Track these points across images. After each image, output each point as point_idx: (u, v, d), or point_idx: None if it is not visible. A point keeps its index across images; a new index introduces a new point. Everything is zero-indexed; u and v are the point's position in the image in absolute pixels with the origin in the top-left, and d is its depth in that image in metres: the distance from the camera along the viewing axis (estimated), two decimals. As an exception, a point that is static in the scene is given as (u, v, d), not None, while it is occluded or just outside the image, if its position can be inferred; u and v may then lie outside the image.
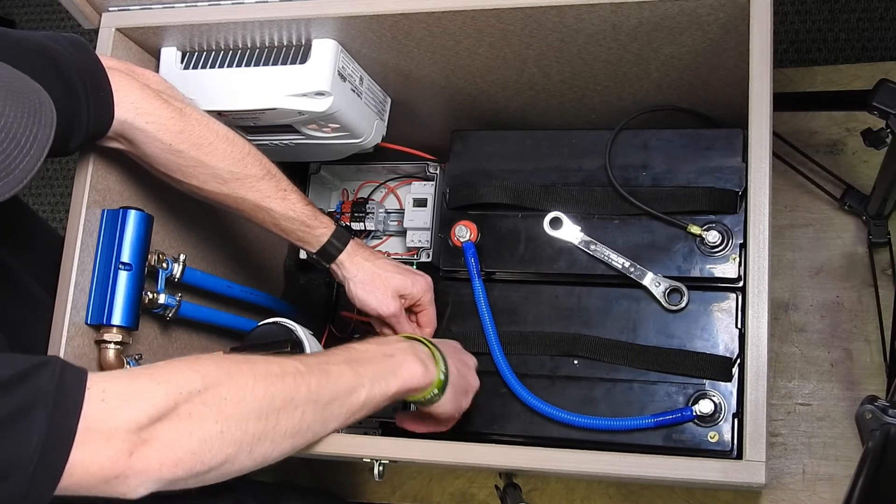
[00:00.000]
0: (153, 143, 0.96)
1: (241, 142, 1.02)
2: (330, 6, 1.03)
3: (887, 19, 1.82)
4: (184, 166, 0.99)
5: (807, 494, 1.26)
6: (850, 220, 1.34)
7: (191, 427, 0.71)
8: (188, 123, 0.98)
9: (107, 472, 0.68)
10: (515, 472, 1.16)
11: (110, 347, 1.03)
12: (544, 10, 0.97)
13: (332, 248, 1.07)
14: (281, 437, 0.78)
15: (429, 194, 1.29)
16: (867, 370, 1.28)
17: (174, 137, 0.97)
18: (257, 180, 1.02)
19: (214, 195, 1.02)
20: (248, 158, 1.01)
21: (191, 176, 1.00)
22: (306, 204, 1.05)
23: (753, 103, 0.88)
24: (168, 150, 0.97)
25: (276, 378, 0.77)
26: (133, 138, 0.96)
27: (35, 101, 0.77)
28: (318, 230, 1.06)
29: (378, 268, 1.08)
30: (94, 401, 0.68)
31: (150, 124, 0.95)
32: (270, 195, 1.02)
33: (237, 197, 1.02)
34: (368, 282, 1.07)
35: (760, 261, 0.85)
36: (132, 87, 0.95)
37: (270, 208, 1.03)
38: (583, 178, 1.07)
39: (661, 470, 0.84)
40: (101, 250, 1.04)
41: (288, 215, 1.04)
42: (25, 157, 0.73)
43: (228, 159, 1.00)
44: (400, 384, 0.87)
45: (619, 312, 1.02)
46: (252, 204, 1.02)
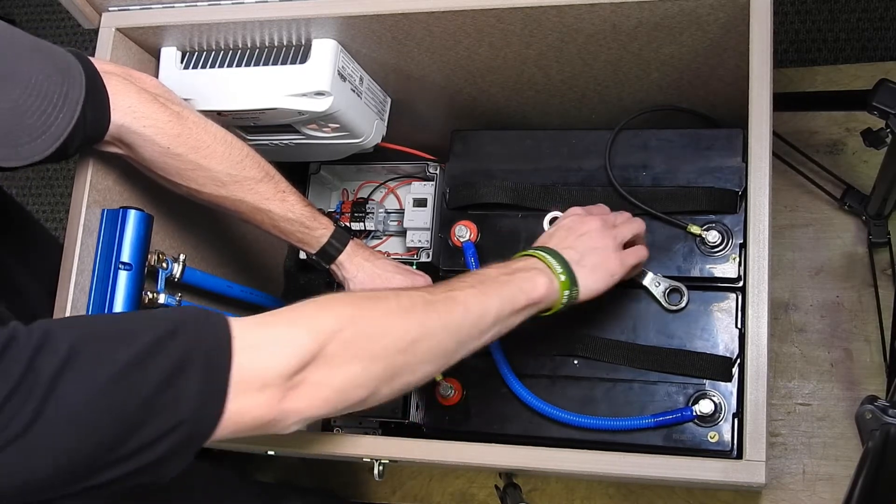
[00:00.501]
0: (151, 147, 0.96)
1: (239, 144, 1.02)
2: (330, 6, 1.03)
3: (887, 19, 1.82)
4: (182, 170, 0.98)
5: (807, 494, 1.26)
6: (850, 220, 1.34)
7: (335, 367, 0.72)
8: (186, 127, 0.98)
9: (261, 418, 0.69)
10: (515, 472, 1.16)
11: (110, 347, 1.03)
12: (544, 10, 0.97)
13: (332, 248, 1.07)
14: (419, 364, 0.78)
15: (429, 194, 1.29)
16: (867, 370, 1.28)
17: (172, 141, 0.96)
18: (256, 182, 1.02)
19: (213, 198, 1.02)
20: (246, 161, 1.01)
21: (189, 179, 0.99)
22: (305, 205, 1.05)
23: (753, 103, 0.88)
24: (166, 153, 0.97)
25: (408, 310, 0.78)
26: (131, 142, 0.96)
27: (62, 61, 0.77)
28: (318, 231, 1.06)
29: (378, 268, 1.08)
30: (242, 349, 0.68)
31: (148, 128, 0.95)
32: (269, 197, 1.02)
33: (236, 199, 1.02)
34: (368, 282, 1.07)
35: (760, 261, 0.86)
36: (129, 91, 0.95)
37: (269, 210, 1.03)
38: (583, 178, 1.07)
39: (661, 470, 0.84)
40: (101, 250, 1.04)
41: (287, 217, 1.04)
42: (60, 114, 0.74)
43: (226, 162, 1.00)
44: (527, 298, 0.85)
45: (619, 312, 1.02)
46: (251, 206, 1.02)
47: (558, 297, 0.88)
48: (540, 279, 0.86)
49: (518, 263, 0.89)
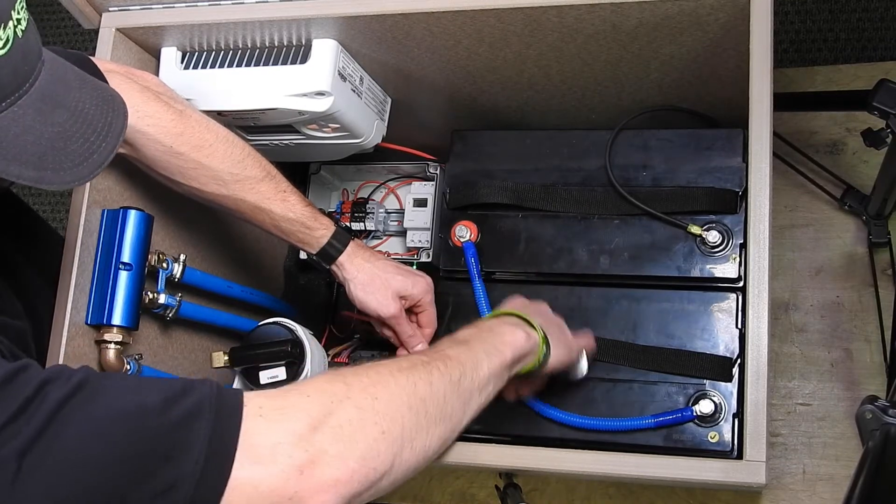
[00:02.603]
0: (154, 146, 0.96)
1: (241, 143, 1.02)
2: (330, 6, 1.03)
3: (887, 19, 1.82)
4: (184, 168, 0.98)
5: (807, 494, 1.26)
6: (850, 220, 1.34)
7: (352, 434, 0.70)
8: (188, 125, 0.98)
9: (280, 491, 0.66)
10: (515, 472, 1.16)
11: (110, 347, 1.03)
12: (544, 10, 0.97)
13: (332, 249, 1.06)
14: (432, 424, 0.78)
15: (429, 194, 1.29)
16: (867, 370, 1.28)
17: (175, 140, 0.96)
18: (257, 182, 1.02)
19: (214, 197, 1.02)
20: (247, 160, 1.01)
21: (191, 178, 0.99)
22: (306, 205, 1.05)
23: (753, 103, 0.88)
24: (168, 152, 0.97)
25: (410, 370, 0.77)
26: (133, 141, 0.96)
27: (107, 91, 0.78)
28: (318, 231, 1.06)
29: (378, 269, 1.08)
30: (252, 416, 0.66)
31: (151, 127, 0.95)
32: (270, 197, 1.02)
33: (237, 199, 1.02)
34: (368, 283, 1.07)
35: (760, 261, 0.86)
36: (132, 89, 0.95)
37: (270, 210, 1.03)
38: (583, 178, 1.07)
39: (661, 470, 0.84)
40: (101, 250, 1.04)
41: (287, 217, 1.03)
42: (104, 142, 0.74)
43: (228, 161, 1.00)
44: (512, 351, 0.85)
45: (619, 312, 1.02)
46: (252, 205, 1.02)
47: (538, 350, 0.89)
48: (519, 332, 0.88)
49: (492, 321, 0.90)
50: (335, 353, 1.23)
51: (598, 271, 1.03)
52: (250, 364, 1.09)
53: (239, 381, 1.12)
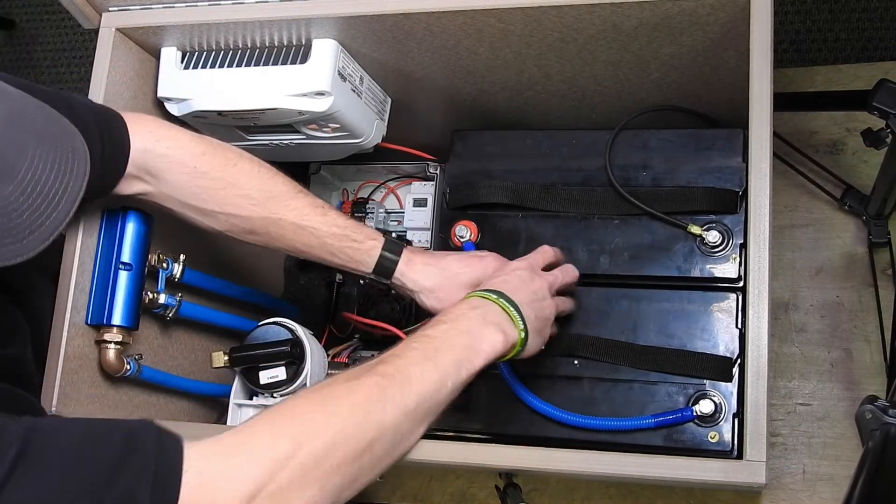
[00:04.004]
0: (177, 169, 0.92)
1: (266, 164, 0.98)
2: (330, 6, 1.03)
3: (887, 19, 1.82)
4: (214, 190, 0.94)
5: (807, 494, 1.26)
6: (850, 220, 1.34)
7: (292, 495, 0.69)
8: (209, 145, 0.94)
9: None
10: (515, 472, 1.16)
11: (110, 347, 1.03)
12: (544, 10, 0.97)
13: (387, 261, 0.98)
14: (378, 461, 0.77)
15: (429, 194, 1.29)
16: (867, 370, 1.28)
17: (197, 159, 0.93)
18: (291, 198, 0.96)
19: (253, 222, 0.96)
20: (276, 178, 0.97)
21: (224, 202, 0.95)
22: (347, 218, 0.99)
23: (753, 103, 0.88)
24: (194, 172, 0.93)
25: (361, 407, 0.75)
26: (156, 169, 0.92)
27: (68, 149, 0.73)
28: (367, 244, 0.98)
29: (442, 268, 0.99)
30: (192, 483, 0.66)
31: (171, 148, 0.92)
32: (308, 213, 0.97)
33: (276, 219, 0.96)
34: (438, 287, 0.98)
35: (760, 261, 0.85)
36: (146, 119, 0.93)
37: (313, 226, 0.96)
38: (583, 178, 1.07)
39: (661, 470, 0.84)
40: (102, 250, 1.04)
41: (333, 232, 0.97)
42: (54, 212, 0.71)
43: (257, 178, 0.96)
44: (484, 358, 0.83)
45: (619, 312, 1.02)
46: (292, 224, 0.96)
47: (514, 350, 0.88)
48: (499, 336, 0.85)
49: (472, 320, 0.85)
50: (335, 353, 1.23)
51: (598, 271, 1.03)
52: (250, 364, 1.09)
53: (239, 381, 1.12)
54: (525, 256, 0.98)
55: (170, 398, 1.20)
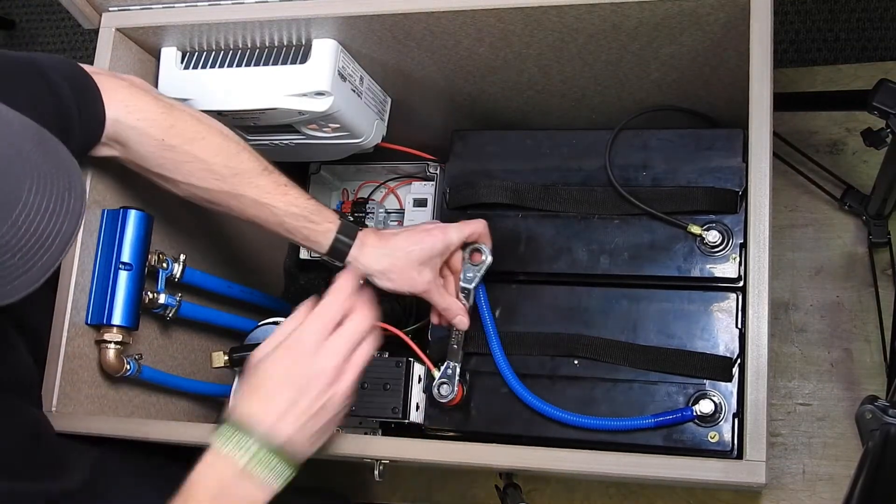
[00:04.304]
0: (146, 141, 0.95)
1: (235, 137, 1.00)
2: (330, 6, 1.03)
3: (887, 19, 1.82)
4: (179, 163, 0.97)
5: (807, 494, 1.26)
6: (850, 220, 1.34)
7: None
8: (179, 118, 0.96)
9: None
10: (515, 472, 1.16)
11: (110, 347, 1.03)
12: (544, 10, 0.97)
13: (341, 244, 1.01)
14: None
15: (429, 194, 1.29)
16: (867, 370, 1.28)
17: (166, 133, 0.95)
18: (255, 175, 0.99)
19: (214, 194, 1.00)
20: (243, 154, 0.99)
21: (187, 174, 0.98)
22: (308, 199, 1.01)
23: (753, 103, 0.88)
24: (161, 146, 0.95)
25: None
26: (126, 139, 0.95)
27: (64, 186, 0.71)
28: (323, 226, 1.01)
29: (393, 249, 1.01)
30: None
31: (141, 121, 0.94)
32: (270, 191, 0.99)
33: (237, 194, 0.99)
34: (390, 269, 1.00)
35: (761, 261, 0.85)
36: (119, 85, 0.95)
37: (272, 205, 0.99)
38: (583, 178, 1.07)
39: (661, 470, 0.84)
40: (102, 250, 1.05)
41: (291, 211, 0.99)
42: (46, 254, 0.69)
43: (223, 154, 0.98)
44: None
45: (619, 312, 1.02)
46: (252, 201, 0.99)
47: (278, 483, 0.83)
48: (258, 493, 0.81)
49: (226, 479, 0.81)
50: (335, 353, 1.23)
51: (598, 271, 1.03)
52: (250, 364, 1.09)
53: (239, 381, 1.12)
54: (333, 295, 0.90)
55: (170, 398, 1.20)
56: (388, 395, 1.08)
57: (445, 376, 1.03)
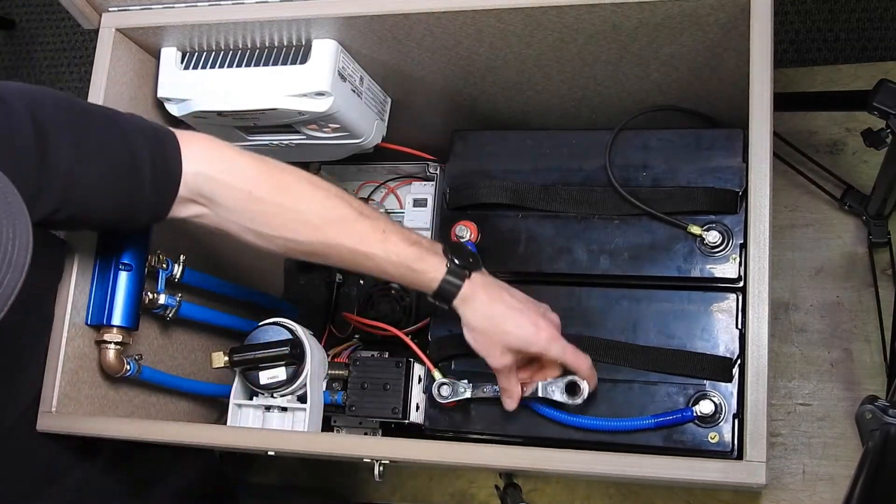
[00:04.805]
0: (232, 194, 0.90)
1: (325, 184, 0.95)
2: (330, 6, 1.03)
3: (887, 19, 1.82)
4: (270, 215, 0.92)
5: (807, 494, 1.26)
6: (850, 220, 1.34)
7: None
8: (264, 169, 0.92)
9: None
10: (515, 472, 1.16)
11: (110, 348, 1.03)
12: (544, 10, 0.97)
13: (446, 293, 0.94)
14: None
15: (429, 194, 1.29)
16: (867, 370, 1.28)
17: (252, 184, 0.91)
18: (350, 222, 0.93)
19: (311, 245, 0.93)
20: (334, 200, 0.93)
21: (280, 227, 0.92)
22: (410, 244, 0.94)
23: (754, 103, 0.88)
24: (249, 198, 0.90)
25: None
26: (210, 193, 0.90)
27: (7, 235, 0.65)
28: (427, 275, 0.94)
29: (493, 319, 0.95)
30: None
31: (224, 173, 0.90)
32: (367, 239, 0.93)
33: (334, 244, 0.93)
34: (480, 331, 0.95)
35: (761, 261, 0.85)
36: (198, 137, 0.91)
37: (372, 253, 0.93)
38: (583, 179, 1.07)
39: (661, 470, 0.84)
40: (102, 250, 1.04)
41: (391, 260, 0.93)
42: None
43: (314, 201, 0.92)
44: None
45: (619, 312, 1.02)
46: (350, 250, 0.93)
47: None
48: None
49: None
50: (335, 353, 1.23)
51: (598, 271, 1.03)
52: (250, 364, 1.09)
53: (239, 382, 1.12)
54: None
55: (170, 398, 1.20)
56: (388, 395, 1.08)
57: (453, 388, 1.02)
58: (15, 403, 1.00)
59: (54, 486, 1.05)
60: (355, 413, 1.10)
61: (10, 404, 1.00)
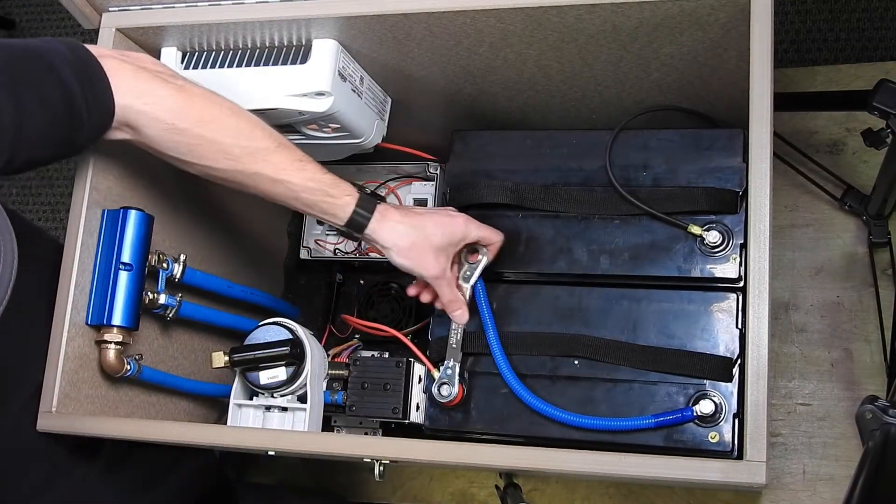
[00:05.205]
0: (155, 125, 0.93)
1: (247, 115, 0.98)
2: (330, 6, 1.03)
3: (887, 19, 1.82)
4: (192, 146, 0.95)
5: (807, 494, 1.26)
6: (850, 220, 1.34)
7: None
8: (189, 100, 0.95)
9: None
10: (515, 472, 1.16)
11: (110, 347, 1.03)
12: (545, 10, 0.97)
13: (359, 216, 0.99)
14: None
15: (429, 194, 1.29)
16: (867, 370, 1.28)
17: (175, 116, 0.94)
18: (270, 153, 0.97)
19: (229, 174, 0.97)
20: (256, 131, 0.97)
21: (201, 156, 0.96)
22: (325, 173, 0.99)
23: (754, 103, 0.88)
24: (171, 129, 0.94)
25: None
26: (136, 123, 0.93)
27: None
28: (342, 199, 0.99)
29: (416, 226, 1.00)
30: None
31: (149, 105, 0.93)
32: (286, 167, 0.97)
33: (252, 173, 0.97)
34: (410, 246, 1.00)
35: (761, 261, 0.85)
36: (125, 70, 0.93)
37: (288, 181, 0.97)
38: (583, 179, 1.07)
39: (661, 470, 0.84)
40: (102, 250, 1.04)
41: (307, 186, 0.97)
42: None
43: (236, 134, 0.96)
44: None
45: (619, 312, 1.02)
46: (269, 178, 0.97)
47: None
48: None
49: None
50: (335, 353, 1.23)
51: (598, 271, 1.03)
52: (250, 364, 1.09)
53: (239, 382, 1.12)
54: None
55: (170, 398, 1.20)
56: (388, 395, 1.08)
57: (445, 375, 1.03)
58: (14, 403, 1.00)
59: (54, 486, 1.05)
60: (355, 413, 1.10)
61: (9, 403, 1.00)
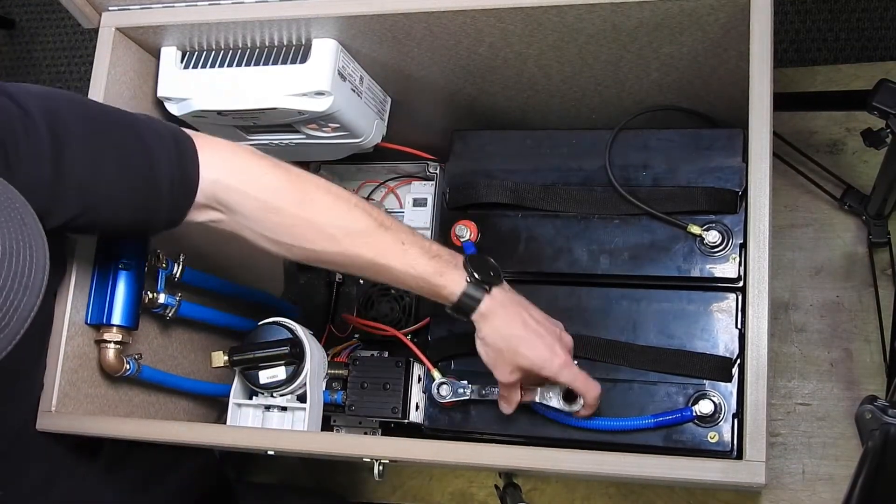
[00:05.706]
0: (249, 203, 0.89)
1: (346, 194, 0.93)
2: (330, 6, 1.03)
3: (887, 19, 1.82)
4: (287, 226, 0.90)
5: (807, 494, 1.26)
6: (850, 220, 1.34)
7: None
8: (284, 178, 0.91)
9: None
10: (515, 472, 1.16)
11: (110, 347, 1.03)
12: (544, 10, 0.97)
13: (465, 307, 0.93)
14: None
15: (429, 194, 1.29)
16: (867, 370, 1.28)
17: (271, 194, 0.89)
18: (369, 235, 0.91)
19: (329, 256, 0.92)
20: (355, 211, 0.92)
21: (299, 237, 0.91)
22: (430, 258, 0.92)
23: (753, 103, 0.88)
24: (267, 208, 0.89)
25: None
26: (227, 201, 0.89)
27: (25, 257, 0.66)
28: (445, 290, 0.92)
29: (512, 334, 0.93)
30: None
31: (244, 183, 0.89)
32: (386, 251, 0.91)
33: (353, 255, 0.92)
34: (494, 348, 0.94)
35: (760, 261, 0.85)
36: (218, 144, 0.90)
37: (390, 266, 0.92)
38: (583, 178, 1.07)
39: (661, 470, 0.84)
40: (101, 250, 1.04)
41: (410, 273, 0.92)
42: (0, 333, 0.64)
43: (334, 214, 0.91)
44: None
45: (619, 312, 1.02)
46: (369, 262, 0.92)
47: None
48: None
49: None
50: (335, 353, 1.23)
51: (598, 271, 1.03)
52: (250, 364, 1.09)
53: (239, 381, 1.12)
54: None
55: (169, 398, 1.20)
56: (388, 395, 1.08)
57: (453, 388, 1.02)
58: (18, 405, 1.00)
59: (54, 486, 1.05)
60: (355, 413, 1.10)
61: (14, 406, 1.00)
